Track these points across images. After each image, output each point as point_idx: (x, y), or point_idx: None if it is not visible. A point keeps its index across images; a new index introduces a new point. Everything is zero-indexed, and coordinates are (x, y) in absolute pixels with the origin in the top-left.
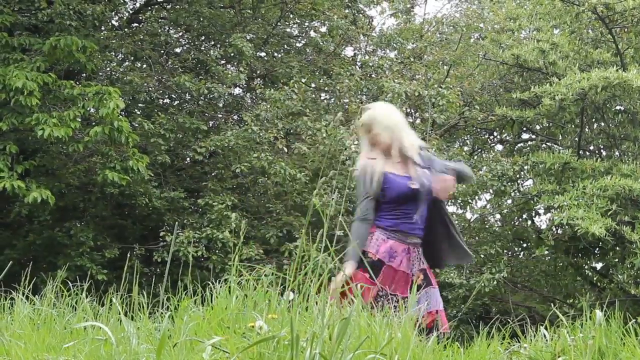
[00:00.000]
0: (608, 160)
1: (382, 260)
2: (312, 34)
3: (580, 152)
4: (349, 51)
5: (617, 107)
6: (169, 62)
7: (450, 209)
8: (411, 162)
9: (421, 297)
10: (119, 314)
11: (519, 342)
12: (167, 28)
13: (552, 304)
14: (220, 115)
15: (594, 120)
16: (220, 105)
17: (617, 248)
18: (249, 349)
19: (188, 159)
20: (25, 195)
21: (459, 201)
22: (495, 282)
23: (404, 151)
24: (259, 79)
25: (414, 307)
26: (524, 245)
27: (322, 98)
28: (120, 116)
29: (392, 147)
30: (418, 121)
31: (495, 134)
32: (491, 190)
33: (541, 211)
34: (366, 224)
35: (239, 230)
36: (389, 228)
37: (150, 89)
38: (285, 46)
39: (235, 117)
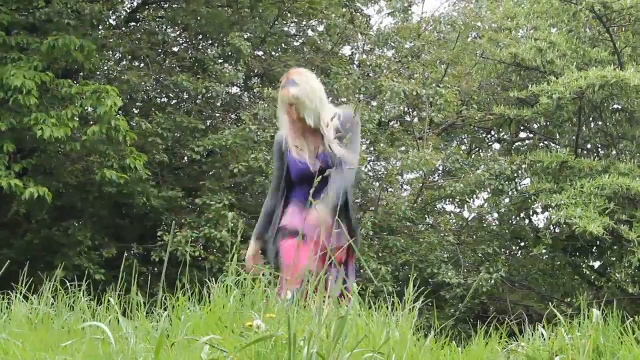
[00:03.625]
0: (605, 159)
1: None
2: (310, 32)
3: (578, 150)
4: (346, 50)
5: (615, 106)
6: (167, 61)
7: (448, 208)
8: (321, 137)
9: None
10: (117, 313)
11: (517, 341)
12: (165, 27)
13: (549, 303)
14: (217, 115)
15: (591, 119)
16: (218, 104)
17: (615, 247)
18: (247, 347)
19: (186, 158)
20: (22, 193)
21: (457, 200)
22: (492, 281)
23: (320, 127)
24: (256, 77)
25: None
26: (522, 244)
27: None
28: (118, 115)
29: (307, 121)
30: (416, 120)
31: (492, 132)
32: (489, 189)
33: (539, 210)
34: (271, 200)
35: (237, 229)
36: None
37: (147, 88)
38: (283, 45)
39: (233, 116)
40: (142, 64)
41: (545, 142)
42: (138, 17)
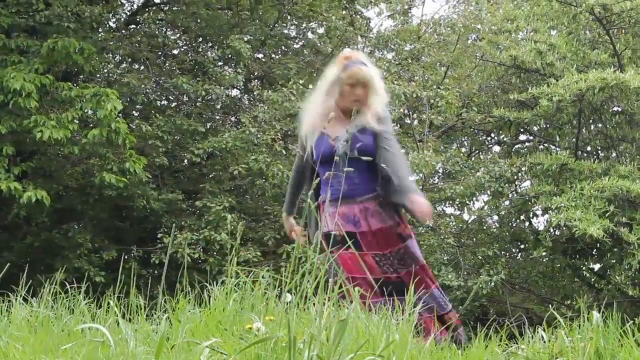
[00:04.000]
0: (605, 162)
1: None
2: (310, 35)
3: (578, 153)
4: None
5: (615, 108)
6: (167, 64)
7: (448, 210)
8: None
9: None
10: (117, 316)
11: (517, 343)
12: (165, 30)
13: (549, 305)
14: (218, 117)
15: (591, 121)
16: (218, 107)
17: (615, 249)
18: (247, 350)
19: (186, 160)
20: (21, 196)
21: (457, 202)
22: (493, 284)
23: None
24: (256, 80)
25: None
26: (522, 246)
27: None
28: (118, 118)
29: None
30: (415, 122)
31: (492, 135)
32: (489, 192)
33: (539, 212)
34: (292, 176)
35: (237, 232)
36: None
37: (147, 90)
38: (283, 47)
39: (233, 118)
40: (142, 67)
41: (545, 145)
42: (138, 19)
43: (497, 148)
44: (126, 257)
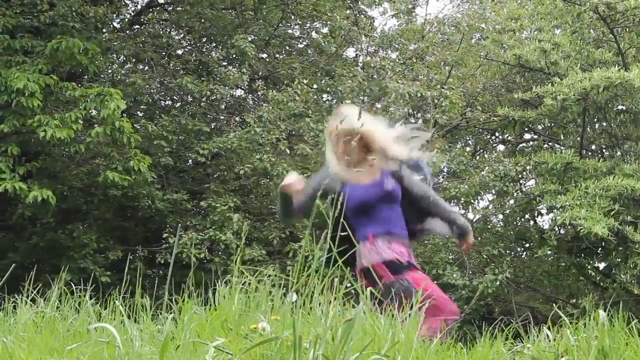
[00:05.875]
0: (610, 160)
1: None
2: (314, 35)
3: (583, 152)
4: (350, 52)
5: (619, 107)
6: (171, 64)
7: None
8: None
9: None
10: (122, 316)
11: (522, 342)
12: (169, 30)
13: (555, 304)
14: (222, 117)
15: (595, 120)
16: (223, 107)
17: (620, 248)
18: (252, 350)
19: (190, 161)
20: (26, 196)
21: (461, 202)
22: (498, 283)
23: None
24: (260, 80)
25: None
26: (527, 245)
27: (324, 99)
28: (122, 117)
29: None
30: (420, 122)
31: (497, 134)
32: (493, 191)
33: (544, 211)
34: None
35: (242, 232)
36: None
37: (152, 90)
38: (287, 47)
39: (238, 118)
40: (146, 67)
41: (550, 144)
42: (142, 20)
43: (501, 147)
44: (131, 257)
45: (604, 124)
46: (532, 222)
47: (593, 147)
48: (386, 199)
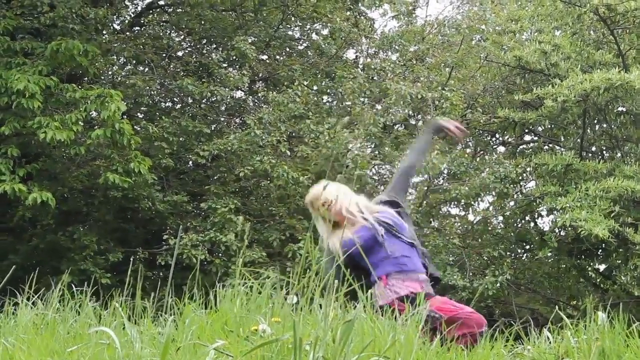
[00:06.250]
0: (610, 162)
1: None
2: (314, 36)
3: (583, 153)
4: (350, 54)
5: (619, 109)
6: (171, 66)
7: (453, 211)
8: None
9: None
10: (123, 318)
11: (523, 344)
12: (169, 31)
13: (555, 306)
14: (222, 119)
15: (596, 121)
16: (223, 108)
17: (620, 249)
18: (252, 352)
19: (191, 162)
20: (26, 198)
21: (462, 203)
22: (498, 285)
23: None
24: (261, 82)
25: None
26: (527, 247)
27: (324, 101)
28: (123, 119)
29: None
30: (420, 123)
31: (497, 135)
32: (494, 193)
33: (544, 213)
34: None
35: (243, 233)
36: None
37: (152, 92)
38: (287, 49)
39: (238, 120)
40: (146, 69)
41: (550, 145)
42: (142, 21)
43: (501, 149)
44: (131, 258)
45: (604, 125)
46: (532, 224)
47: (593, 148)
48: (387, 233)
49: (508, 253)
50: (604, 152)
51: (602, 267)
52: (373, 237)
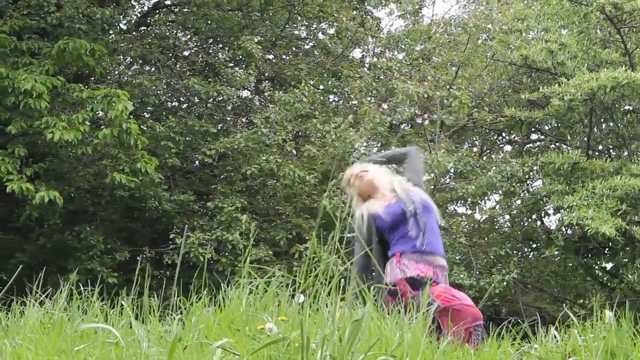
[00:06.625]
0: (617, 160)
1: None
2: (321, 35)
3: (590, 152)
4: (357, 53)
5: (626, 107)
6: (178, 65)
7: (460, 210)
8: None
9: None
10: (130, 317)
11: (530, 343)
12: (176, 31)
13: (562, 305)
14: (229, 118)
15: (602, 120)
16: (229, 108)
17: (627, 248)
18: (259, 351)
19: (197, 162)
20: (33, 197)
21: (468, 202)
22: (505, 283)
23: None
24: (267, 81)
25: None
26: (534, 245)
27: (330, 100)
28: (129, 118)
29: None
30: (427, 122)
31: (504, 134)
32: (500, 191)
33: (551, 211)
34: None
35: (249, 232)
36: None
37: (159, 92)
38: (294, 48)
39: (244, 119)
40: (153, 68)
41: (557, 144)
42: (149, 21)
43: (508, 147)
44: (138, 258)
45: (611, 124)
46: (539, 223)
47: (600, 147)
48: (410, 216)
49: (515, 252)
50: (611, 150)
51: (609, 265)
52: (402, 214)
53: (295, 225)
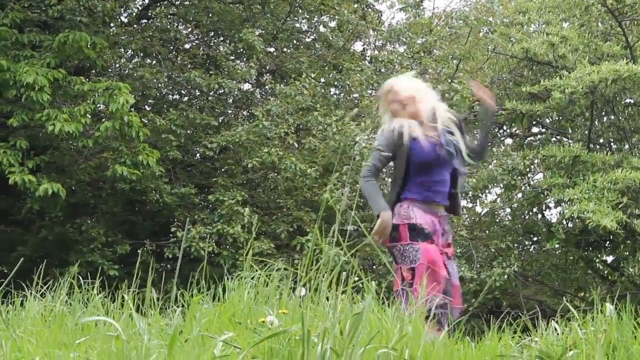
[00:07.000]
0: (618, 153)
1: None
2: (322, 29)
3: (591, 145)
4: (358, 46)
5: (627, 100)
6: (179, 58)
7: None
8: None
9: (452, 273)
10: (131, 310)
11: (530, 336)
12: (177, 24)
13: (563, 298)
14: (230, 111)
15: (604, 113)
16: (230, 100)
17: (628, 241)
18: (260, 344)
19: (198, 154)
20: (35, 189)
21: (470, 195)
22: (506, 276)
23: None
24: (268, 74)
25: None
26: (535, 239)
27: (331, 93)
28: (131, 111)
29: (419, 113)
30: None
31: (505, 127)
32: (501, 185)
33: (551, 205)
34: (372, 180)
35: (250, 225)
36: (418, 200)
37: (160, 85)
38: (295, 41)
39: (246, 112)
40: (154, 61)
41: (558, 137)
42: (150, 14)
43: (509, 141)
44: (139, 251)
45: (612, 117)
46: (540, 216)
47: (601, 140)
48: (442, 161)
49: (515, 245)
50: (612, 143)
51: (609, 258)
52: (435, 157)
53: (296, 218)
